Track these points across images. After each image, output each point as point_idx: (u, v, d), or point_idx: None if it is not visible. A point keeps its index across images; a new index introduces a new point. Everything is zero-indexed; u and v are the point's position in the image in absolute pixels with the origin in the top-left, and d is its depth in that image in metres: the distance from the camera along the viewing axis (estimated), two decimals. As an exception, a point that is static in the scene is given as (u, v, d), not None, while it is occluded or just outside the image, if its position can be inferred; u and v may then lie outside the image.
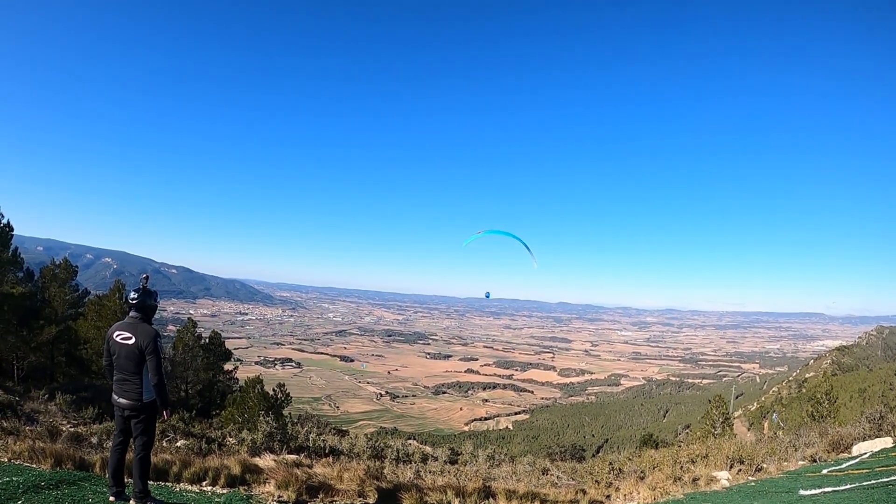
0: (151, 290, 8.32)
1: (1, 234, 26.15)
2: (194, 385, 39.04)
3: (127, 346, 7.77)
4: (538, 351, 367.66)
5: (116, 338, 7.87)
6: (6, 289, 27.12)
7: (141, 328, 7.90)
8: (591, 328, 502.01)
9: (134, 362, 7.79)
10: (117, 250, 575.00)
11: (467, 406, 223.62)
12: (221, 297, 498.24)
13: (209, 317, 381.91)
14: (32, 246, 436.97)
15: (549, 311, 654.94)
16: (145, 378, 7.87)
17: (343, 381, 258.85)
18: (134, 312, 8.06)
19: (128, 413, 7.95)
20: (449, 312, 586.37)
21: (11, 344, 27.57)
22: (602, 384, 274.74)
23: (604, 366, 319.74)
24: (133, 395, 7.85)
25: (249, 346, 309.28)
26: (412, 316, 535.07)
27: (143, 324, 8.04)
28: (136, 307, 8.07)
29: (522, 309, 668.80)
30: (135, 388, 7.84)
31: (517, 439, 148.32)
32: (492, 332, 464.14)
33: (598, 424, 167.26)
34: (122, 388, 7.87)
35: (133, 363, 7.79)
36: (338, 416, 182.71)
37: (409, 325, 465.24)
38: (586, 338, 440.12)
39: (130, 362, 7.79)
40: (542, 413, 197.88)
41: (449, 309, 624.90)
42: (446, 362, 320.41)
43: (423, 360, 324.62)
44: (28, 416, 16.66)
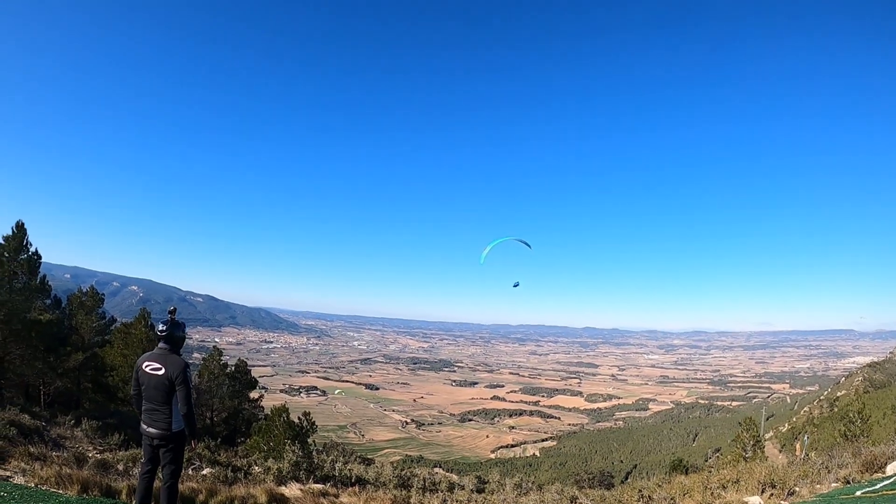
0: (179, 322, 8.40)
1: (29, 262, 26.34)
2: (220, 413, 39.09)
3: (157, 377, 7.81)
4: (564, 377, 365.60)
5: (146, 368, 7.90)
6: (34, 315, 27.13)
7: (171, 359, 7.95)
8: (618, 352, 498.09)
9: (163, 393, 7.82)
10: (143, 278, 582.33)
11: (493, 433, 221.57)
12: (246, 325, 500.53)
13: (234, 345, 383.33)
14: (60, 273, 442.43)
15: (574, 337, 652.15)
16: (174, 408, 7.91)
17: (368, 409, 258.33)
18: (163, 343, 8.12)
19: (157, 442, 7.97)
20: (474, 339, 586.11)
21: (38, 370, 27.59)
22: (630, 409, 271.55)
23: (631, 390, 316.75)
24: (162, 424, 7.87)
25: (274, 375, 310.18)
26: (437, 343, 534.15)
27: (173, 355, 8.09)
28: (164, 338, 8.12)
29: (548, 334, 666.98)
30: (164, 418, 7.87)
31: (544, 466, 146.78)
32: (517, 358, 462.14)
33: (627, 450, 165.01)
34: (152, 417, 7.90)
35: (162, 393, 7.83)
36: (363, 445, 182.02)
37: (434, 353, 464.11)
38: (613, 362, 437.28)
39: (160, 393, 7.83)
40: (570, 439, 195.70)
41: (474, 336, 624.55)
42: (472, 389, 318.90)
43: (448, 387, 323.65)
44: (54, 441, 16.61)
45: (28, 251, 26.36)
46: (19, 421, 16.28)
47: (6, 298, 24.49)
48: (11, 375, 27.07)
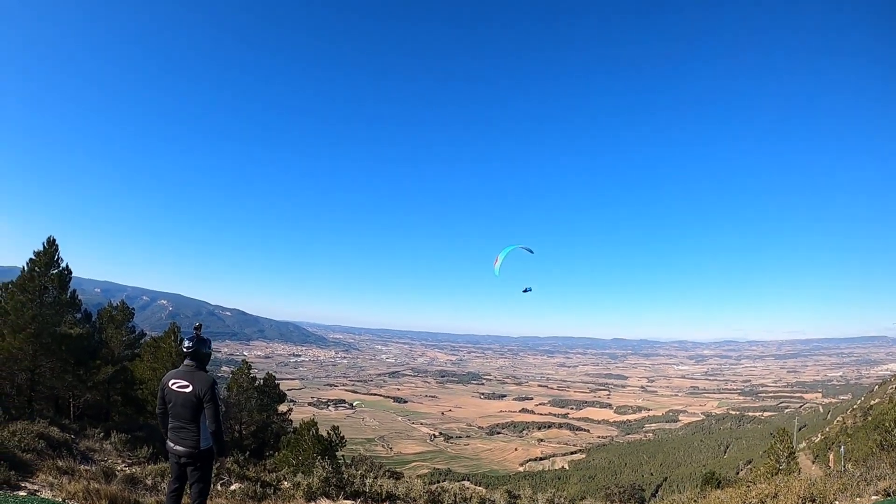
0: (205, 338, 8.32)
1: (60, 277, 26.40)
2: (249, 426, 39.07)
3: (184, 394, 7.72)
4: (593, 389, 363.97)
5: (172, 386, 7.83)
6: (64, 329, 27.27)
7: (198, 376, 7.87)
8: (647, 364, 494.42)
9: (191, 410, 7.73)
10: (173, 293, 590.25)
11: (522, 446, 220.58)
12: (275, 339, 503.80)
13: (263, 358, 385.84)
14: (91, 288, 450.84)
15: (603, 348, 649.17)
16: (202, 426, 7.81)
17: (397, 422, 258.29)
18: (189, 360, 8.04)
19: (184, 461, 7.89)
20: (502, 352, 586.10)
21: (68, 383, 27.76)
22: (660, 420, 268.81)
23: (661, 402, 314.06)
24: (190, 442, 7.78)
25: (303, 388, 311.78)
26: (465, 356, 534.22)
27: (200, 371, 8.01)
28: (191, 355, 8.04)
29: (576, 346, 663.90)
30: (192, 436, 7.78)
31: (573, 479, 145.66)
32: (546, 370, 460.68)
33: (657, 462, 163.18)
34: (179, 435, 7.81)
35: (190, 411, 7.74)
36: (391, 458, 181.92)
37: (462, 366, 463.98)
38: (642, 374, 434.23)
39: (187, 410, 7.74)
40: (599, 452, 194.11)
41: (502, 348, 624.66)
42: (500, 402, 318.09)
43: (476, 400, 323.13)
44: (83, 454, 16.55)
45: (59, 266, 26.40)
46: (48, 434, 16.23)
47: (37, 312, 24.67)
48: (42, 388, 27.24)
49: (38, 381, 26.31)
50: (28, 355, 24.82)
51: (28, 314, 24.35)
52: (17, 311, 24.27)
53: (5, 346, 23.79)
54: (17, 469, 11.79)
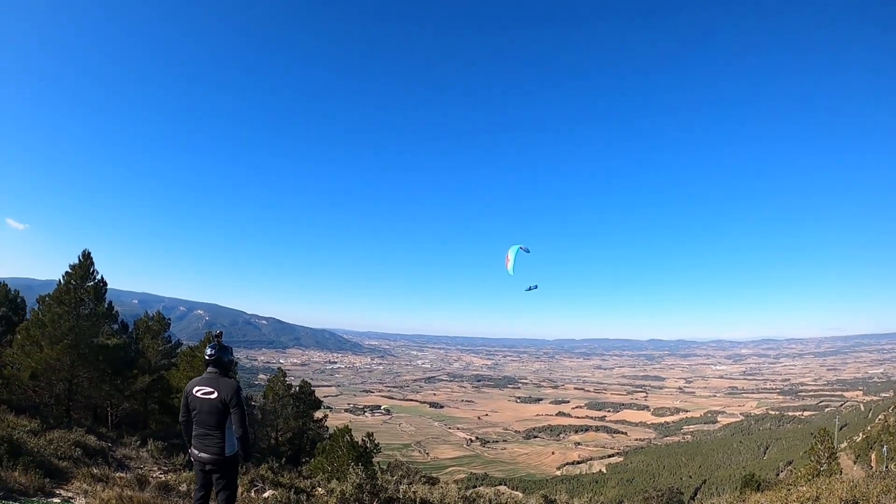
0: (226, 346, 8.31)
1: (95, 289, 26.84)
2: (284, 433, 39.50)
3: (209, 401, 7.71)
4: (630, 391, 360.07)
5: (197, 393, 7.82)
6: (101, 340, 27.95)
7: (223, 382, 7.86)
8: (685, 364, 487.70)
9: (217, 416, 7.73)
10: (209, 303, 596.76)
11: (559, 450, 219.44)
12: (311, 346, 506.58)
13: (299, 366, 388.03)
14: (128, 299, 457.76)
15: (640, 349, 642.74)
16: (228, 432, 7.80)
17: (433, 427, 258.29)
18: (211, 368, 8.03)
19: (209, 468, 7.90)
20: (538, 355, 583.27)
21: (106, 392, 28.42)
22: (698, 422, 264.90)
23: (699, 403, 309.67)
24: (215, 449, 7.77)
25: (339, 394, 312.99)
26: (501, 360, 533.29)
27: (224, 378, 8.00)
28: (213, 363, 8.04)
29: (612, 348, 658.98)
30: (217, 443, 7.77)
31: (611, 483, 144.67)
32: (582, 373, 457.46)
33: (696, 465, 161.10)
34: (204, 442, 7.80)
35: (216, 417, 7.73)
36: (428, 463, 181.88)
37: (498, 370, 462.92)
38: (680, 374, 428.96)
39: (213, 417, 7.73)
40: (637, 455, 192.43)
41: (538, 351, 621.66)
42: (537, 406, 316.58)
43: (513, 404, 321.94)
44: (119, 462, 16.81)
45: (94, 278, 26.84)
46: (84, 442, 16.55)
47: (73, 324, 25.15)
48: (79, 398, 27.90)
49: (76, 390, 26.93)
50: (66, 366, 25.35)
51: (65, 326, 24.83)
52: (54, 323, 24.78)
53: (43, 357, 24.31)
54: (53, 476, 12.03)
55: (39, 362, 24.45)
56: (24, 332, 25.35)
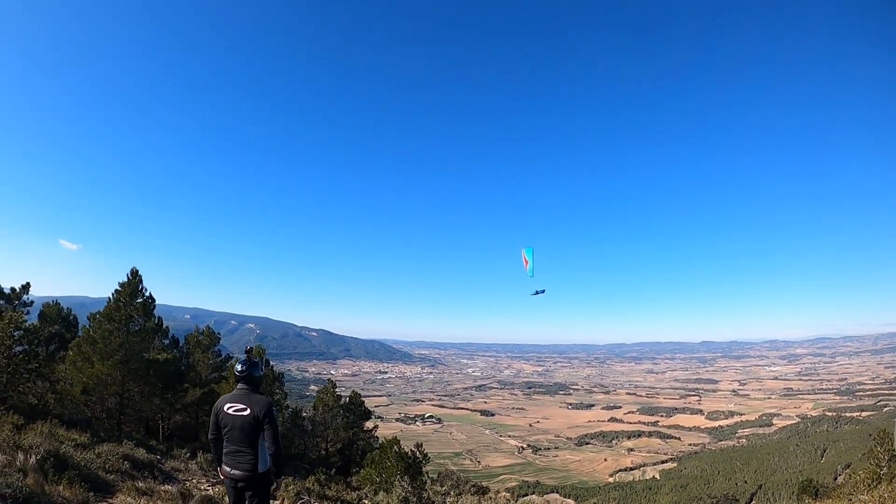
0: (257, 361, 8.26)
1: (144, 305, 27.37)
2: (334, 444, 39.80)
3: (242, 417, 7.66)
4: (683, 394, 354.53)
5: (228, 410, 7.76)
6: (152, 355, 28.65)
7: (255, 398, 7.82)
8: (738, 366, 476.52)
9: (249, 433, 7.68)
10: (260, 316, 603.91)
11: (612, 456, 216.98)
12: (361, 357, 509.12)
13: (350, 376, 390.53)
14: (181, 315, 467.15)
15: (692, 352, 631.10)
16: (261, 448, 7.76)
17: (484, 435, 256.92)
18: (242, 384, 7.98)
19: (241, 485, 7.81)
20: (589, 360, 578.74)
21: (157, 405, 29.21)
22: (753, 425, 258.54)
23: (753, 405, 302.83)
24: (247, 466, 7.70)
25: (390, 404, 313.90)
26: (552, 366, 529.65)
27: (256, 394, 7.97)
28: (244, 379, 7.99)
29: (664, 352, 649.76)
30: (249, 459, 7.70)
31: (665, 489, 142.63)
32: (634, 377, 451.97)
33: (751, 469, 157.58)
34: (236, 459, 7.74)
35: (249, 434, 7.68)
36: (479, 471, 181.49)
37: (549, 377, 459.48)
38: (733, 377, 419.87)
39: (246, 433, 7.68)
40: (691, 460, 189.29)
41: (589, 357, 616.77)
42: (588, 412, 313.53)
43: (564, 410, 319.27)
44: (167, 474, 17.03)
45: (143, 295, 27.40)
46: (133, 455, 16.78)
47: (123, 340, 25.76)
48: (130, 411, 28.69)
49: (127, 404, 27.67)
50: (117, 381, 26.02)
51: (115, 342, 25.42)
52: (105, 339, 25.38)
53: (94, 372, 24.95)
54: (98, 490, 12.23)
55: (91, 377, 25.08)
56: (76, 348, 26.04)
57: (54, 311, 37.33)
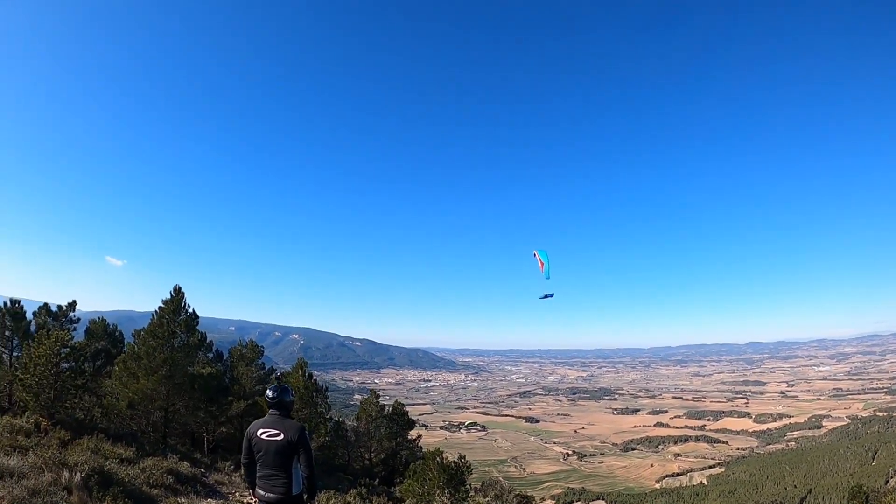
0: (287, 387, 8.40)
1: (187, 322, 27.83)
2: (378, 454, 40.07)
3: (276, 442, 7.83)
4: (730, 397, 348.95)
5: (261, 435, 7.93)
6: (197, 369, 29.29)
7: (287, 423, 8.01)
8: (786, 367, 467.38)
9: (283, 457, 7.85)
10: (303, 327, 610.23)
11: (658, 462, 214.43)
12: (405, 365, 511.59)
13: (394, 385, 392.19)
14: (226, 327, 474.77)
15: (738, 354, 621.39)
16: (295, 472, 7.93)
17: (529, 442, 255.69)
18: (274, 410, 8.17)
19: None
20: (634, 365, 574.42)
21: (201, 419, 29.67)
22: (802, 428, 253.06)
23: (802, 407, 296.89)
24: (281, 489, 7.87)
25: (434, 412, 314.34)
26: (596, 371, 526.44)
27: (288, 419, 8.16)
28: (275, 405, 8.18)
29: (710, 354, 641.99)
30: (284, 483, 7.87)
31: (712, 495, 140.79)
32: (680, 381, 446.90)
33: (800, 473, 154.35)
34: (270, 483, 7.90)
35: (283, 458, 7.85)
36: (524, 478, 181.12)
37: (593, 382, 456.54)
38: (781, 378, 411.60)
39: (280, 458, 7.85)
40: (739, 465, 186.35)
41: (634, 361, 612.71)
42: (634, 417, 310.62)
43: (609, 416, 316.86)
44: (211, 488, 17.30)
45: (186, 312, 27.87)
46: (177, 469, 17.11)
47: (167, 356, 26.28)
48: (175, 425, 29.19)
49: (172, 418, 28.18)
50: (162, 395, 26.60)
51: (159, 357, 26.00)
52: (149, 355, 25.98)
53: (139, 387, 25.54)
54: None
55: (136, 392, 25.64)
56: (122, 364, 26.66)
57: (100, 328, 38.15)
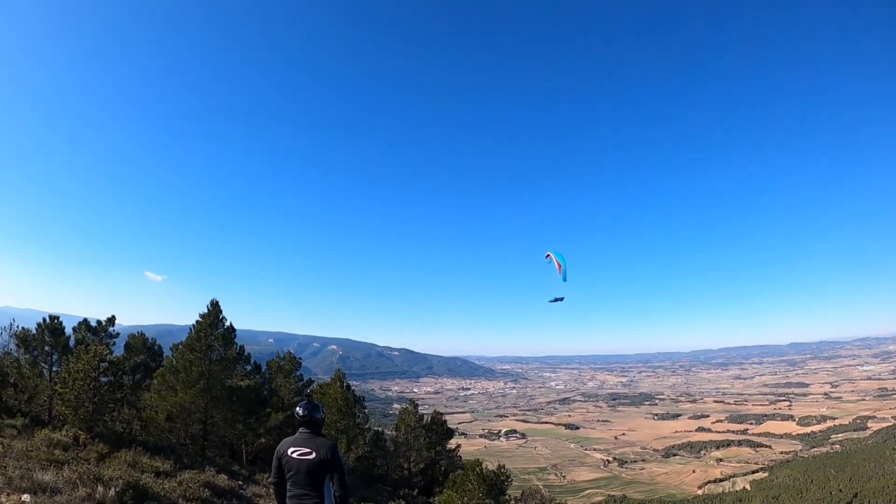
0: (317, 404, 8.33)
1: (224, 335, 28.14)
2: (416, 464, 40.03)
3: (308, 461, 7.76)
4: (773, 400, 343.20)
5: (293, 454, 7.84)
6: (235, 382, 29.59)
7: (319, 442, 7.94)
8: (829, 367, 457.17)
9: (315, 476, 7.79)
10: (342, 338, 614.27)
11: (700, 467, 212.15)
12: (443, 374, 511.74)
13: (432, 394, 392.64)
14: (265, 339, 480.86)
15: (780, 355, 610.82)
16: (327, 491, 7.88)
17: (569, 449, 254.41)
18: (304, 428, 8.06)
19: None
20: (674, 369, 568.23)
21: (240, 431, 30.12)
22: (847, 430, 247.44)
23: (847, 408, 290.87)
24: None
25: (473, 420, 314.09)
26: (636, 377, 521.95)
27: (319, 437, 8.07)
28: (306, 423, 8.07)
29: (751, 356, 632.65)
30: (315, 502, 7.80)
31: (756, 501, 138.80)
32: (721, 384, 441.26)
33: (846, 477, 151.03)
34: (302, 502, 7.82)
35: (314, 477, 7.79)
36: (564, 486, 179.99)
37: (633, 387, 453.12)
38: (824, 379, 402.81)
39: (312, 477, 7.79)
40: (782, 469, 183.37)
41: (674, 365, 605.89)
42: (675, 422, 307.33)
43: (650, 421, 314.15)
44: (248, 501, 17.43)
45: (223, 325, 28.20)
46: (214, 483, 17.17)
47: (205, 369, 26.67)
48: (214, 437, 29.65)
49: (211, 430, 28.60)
50: (200, 408, 27.02)
51: (197, 371, 26.41)
52: (187, 368, 26.41)
53: (178, 400, 25.96)
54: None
55: (174, 405, 26.07)
56: (160, 377, 27.14)
57: (139, 342, 38.67)
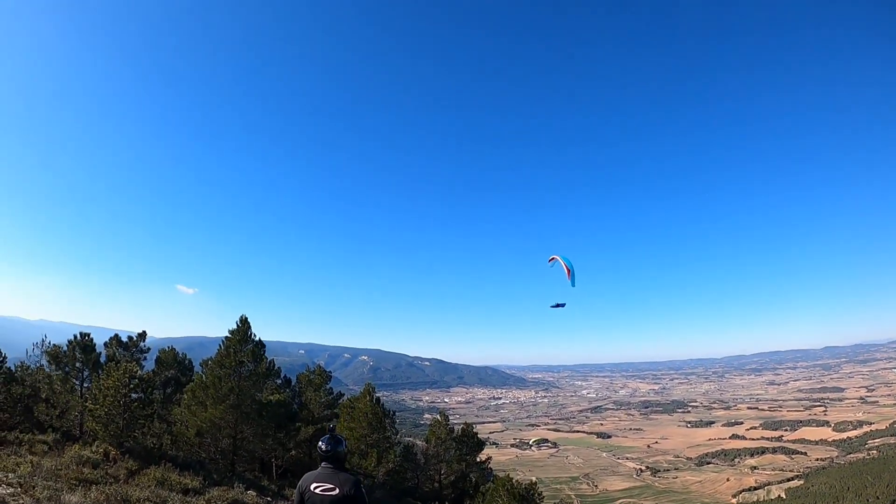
0: (340, 438, 8.13)
1: (254, 351, 28.42)
2: (447, 476, 39.89)
3: (331, 496, 7.55)
4: (808, 405, 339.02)
5: (316, 490, 7.66)
6: (265, 397, 29.82)
7: (342, 477, 7.71)
8: (865, 371, 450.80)
9: None
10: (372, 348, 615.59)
11: (734, 476, 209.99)
12: (474, 384, 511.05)
13: (463, 404, 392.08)
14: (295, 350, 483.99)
15: (814, 359, 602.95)
16: None
17: (601, 458, 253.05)
18: (327, 463, 7.88)
19: None
20: (707, 375, 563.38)
21: (270, 445, 30.16)
22: (884, 435, 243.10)
23: (884, 413, 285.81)
24: None
25: (504, 430, 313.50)
26: (668, 384, 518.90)
27: (343, 472, 7.84)
28: (329, 458, 7.88)
29: (785, 361, 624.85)
30: None
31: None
32: (755, 390, 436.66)
33: (883, 483, 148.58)
34: None
35: None
36: (596, 496, 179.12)
37: (665, 394, 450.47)
38: (860, 383, 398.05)
39: None
40: (818, 476, 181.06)
41: (706, 371, 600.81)
42: (708, 429, 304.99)
43: (683, 429, 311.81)
44: (277, 517, 17.25)
45: (252, 341, 28.46)
46: (242, 500, 17.25)
47: (234, 385, 26.91)
48: (244, 452, 29.70)
49: (241, 445, 28.83)
50: (230, 423, 27.33)
51: (226, 387, 26.70)
52: (217, 384, 26.71)
53: (208, 415, 26.28)
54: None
55: (204, 421, 26.42)
56: (190, 392, 27.59)
57: (170, 356, 39.17)
